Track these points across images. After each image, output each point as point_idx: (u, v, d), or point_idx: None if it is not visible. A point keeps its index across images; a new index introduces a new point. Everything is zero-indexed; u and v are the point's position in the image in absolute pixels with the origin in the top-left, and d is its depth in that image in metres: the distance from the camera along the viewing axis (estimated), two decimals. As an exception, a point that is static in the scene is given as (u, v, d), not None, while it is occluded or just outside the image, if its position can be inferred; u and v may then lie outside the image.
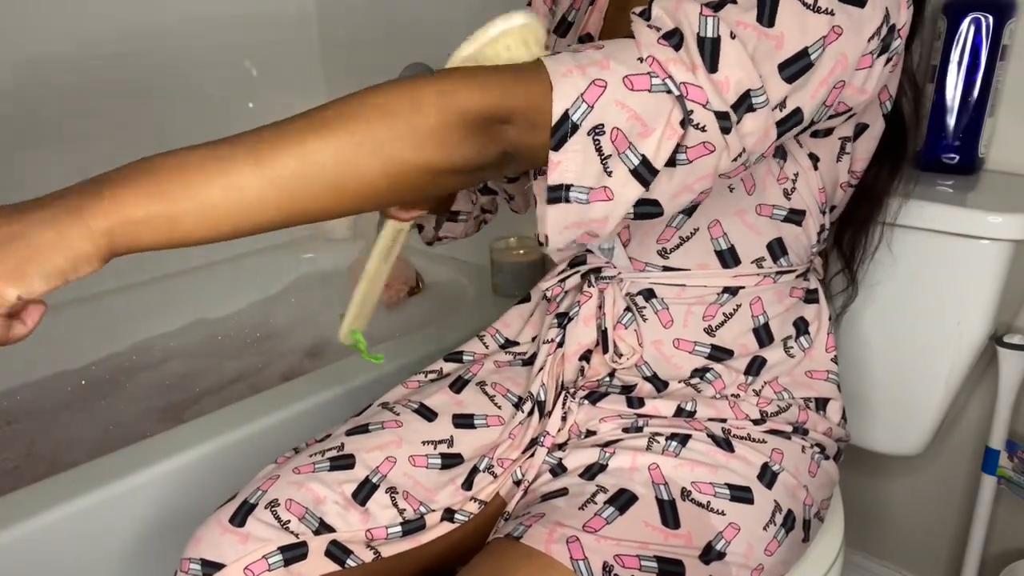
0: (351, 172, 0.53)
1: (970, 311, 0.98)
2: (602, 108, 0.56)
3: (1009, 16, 0.98)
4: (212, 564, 0.74)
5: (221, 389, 1.58)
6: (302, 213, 0.54)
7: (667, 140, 0.58)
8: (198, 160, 0.51)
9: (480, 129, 0.56)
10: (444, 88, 0.55)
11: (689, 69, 0.57)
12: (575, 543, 0.69)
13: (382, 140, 0.54)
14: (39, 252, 0.48)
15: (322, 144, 0.53)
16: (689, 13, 0.58)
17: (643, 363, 0.83)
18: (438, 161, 0.55)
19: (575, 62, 0.57)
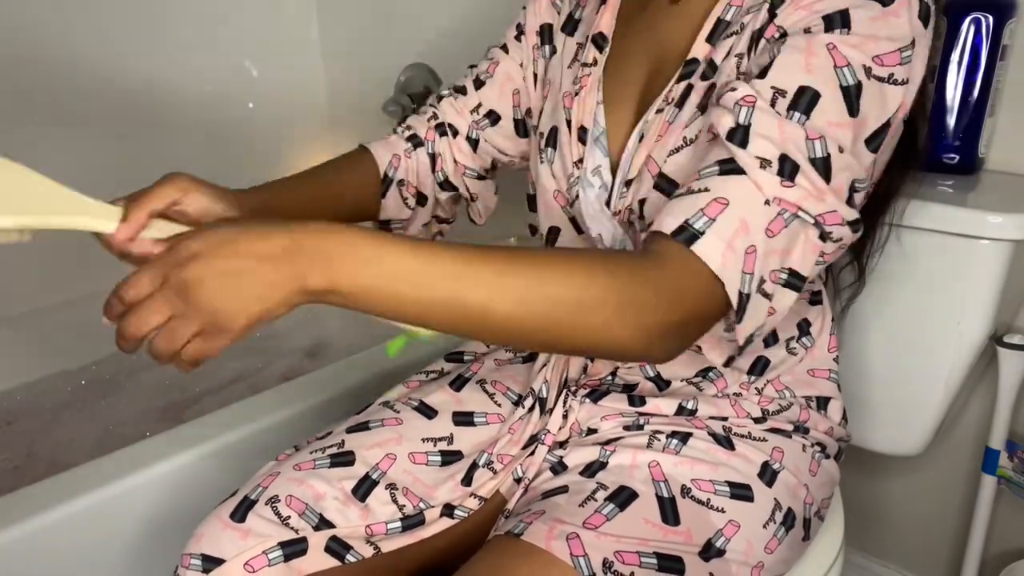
0: (528, 341, 0.63)
1: (970, 311, 0.98)
2: (760, 267, 0.62)
3: (1009, 16, 0.98)
4: (212, 559, 0.74)
5: (221, 389, 1.58)
6: (470, 337, 0.65)
7: (810, 255, 0.64)
8: (402, 269, 0.56)
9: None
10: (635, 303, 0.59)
11: (818, 198, 0.62)
12: (575, 540, 0.69)
13: (564, 331, 0.60)
14: (260, 297, 0.55)
15: (506, 309, 0.58)
16: (796, 139, 0.62)
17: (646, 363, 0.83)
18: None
19: (720, 240, 0.60)
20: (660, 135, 0.74)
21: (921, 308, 1.01)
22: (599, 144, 0.80)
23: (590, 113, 0.81)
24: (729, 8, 0.73)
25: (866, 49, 0.63)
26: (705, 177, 0.63)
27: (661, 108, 0.75)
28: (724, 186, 0.62)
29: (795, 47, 0.64)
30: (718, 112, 0.65)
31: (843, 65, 0.63)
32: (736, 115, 0.63)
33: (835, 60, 0.63)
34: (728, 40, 0.72)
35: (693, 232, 0.60)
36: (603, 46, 0.82)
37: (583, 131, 0.81)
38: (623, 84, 0.80)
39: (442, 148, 0.96)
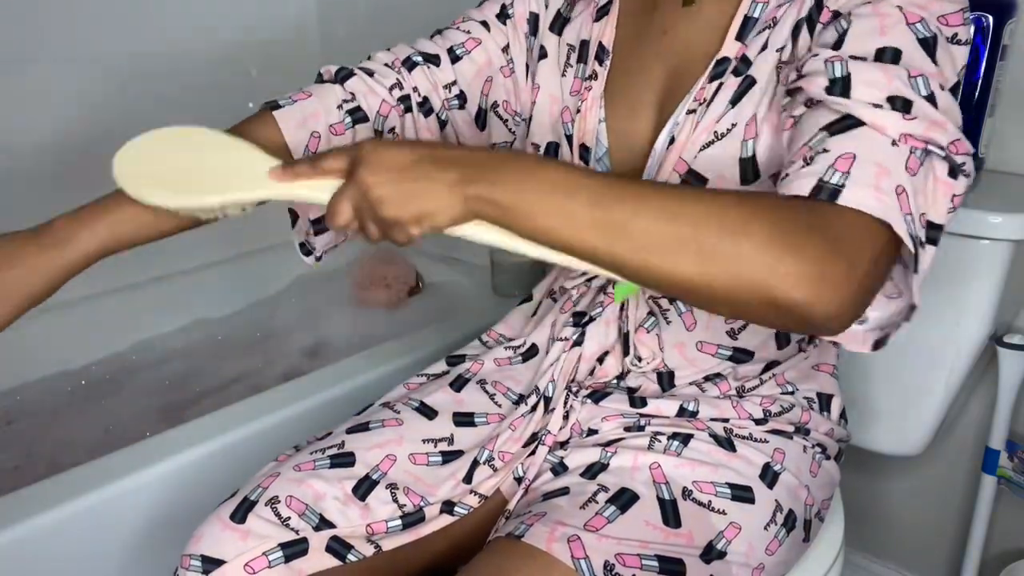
0: (669, 259, 0.56)
1: (970, 311, 0.98)
2: (915, 206, 0.57)
3: (1009, 16, 0.98)
4: (212, 561, 0.74)
5: (221, 389, 1.58)
6: (613, 264, 0.59)
7: (942, 199, 0.60)
8: (553, 179, 0.59)
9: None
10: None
11: (940, 127, 0.59)
12: (576, 542, 0.69)
13: (708, 249, 0.55)
14: (433, 208, 0.60)
15: (651, 223, 0.56)
16: (900, 77, 0.59)
17: (663, 365, 0.82)
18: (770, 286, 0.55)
19: (866, 186, 0.56)
20: (689, 136, 0.74)
21: (921, 308, 1.01)
22: (601, 164, 0.80)
23: (592, 132, 0.81)
24: (755, 5, 0.73)
25: (932, 9, 0.62)
26: (817, 146, 0.59)
27: (693, 109, 0.74)
28: (843, 143, 0.58)
29: (863, 15, 0.63)
30: (803, 84, 0.63)
31: (916, 21, 0.61)
32: (828, 73, 0.61)
33: (907, 18, 0.61)
34: (762, 35, 0.72)
35: (833, 188, 0.56)
36: (604, 60, 0.82)
37: (585, 150, 0.81)
38: (637, 92, 0.79)
39: (405, 126, 0.88)
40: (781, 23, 0.71)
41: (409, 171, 0.60)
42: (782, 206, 0.56)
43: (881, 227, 0.56)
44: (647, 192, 0.57)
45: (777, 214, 0.55)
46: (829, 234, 0.55)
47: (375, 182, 0.60)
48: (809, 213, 0.56)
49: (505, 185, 0.59)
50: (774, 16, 0.72)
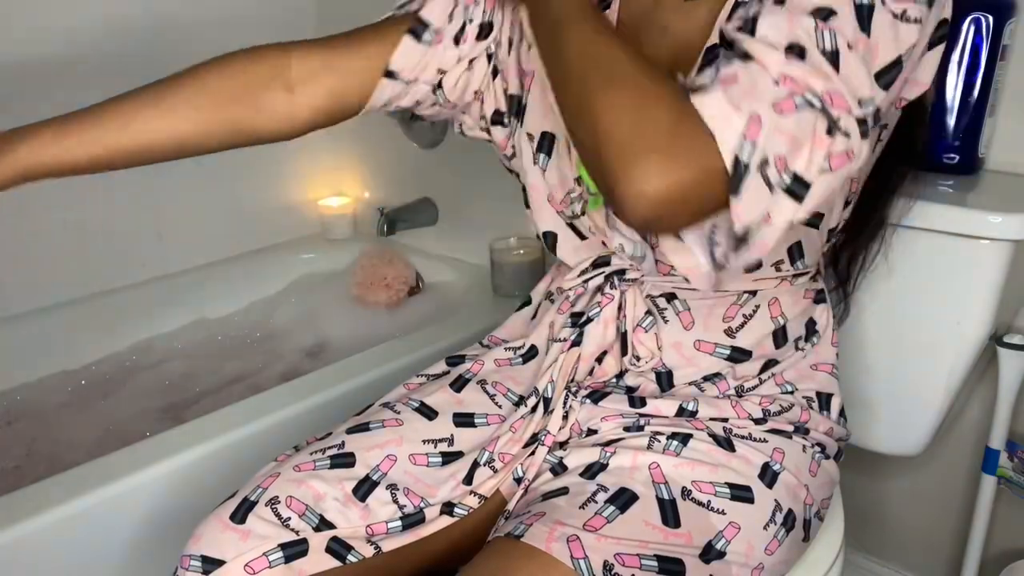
0: (560, 87, 0.65)
1: (970, 311, 0.98)
2: (764, 140, 0.57)
3: (1009, 16, 0.98)
4: (212, 561, 0.74)
5: (221, 389, 1.58)
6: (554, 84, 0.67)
7: (817, 152, 0.58)
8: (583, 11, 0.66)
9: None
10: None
11: (825, 78, 0.58)
12: (575, 542, 0.69)
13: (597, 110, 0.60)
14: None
15: (576, 60, 0.63)
16: (806, 26, 0.59)
17: (661, 364, 0.82)
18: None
19: (727, 99, 0.57)
20: None
21: (921, 308, 1.01)
22: None
23: None
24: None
25: None
26: (714, 64, 0.61)
27: None
28: (733, 67, 0.59)
29: None
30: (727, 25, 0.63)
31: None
32: (744, 14, 0.61)
33: None
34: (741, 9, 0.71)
35: (699, 86, 0.58)
36: None
37: None
38: None
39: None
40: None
41: None
42: (669, 86, 0.59)
43: (713, 140, 0.57)
44: (594, 34, 0.64)
45: (662, 90, 0.59)
46: (678, 129, 0.57)
47: None
48: (672, 100, 0.58)
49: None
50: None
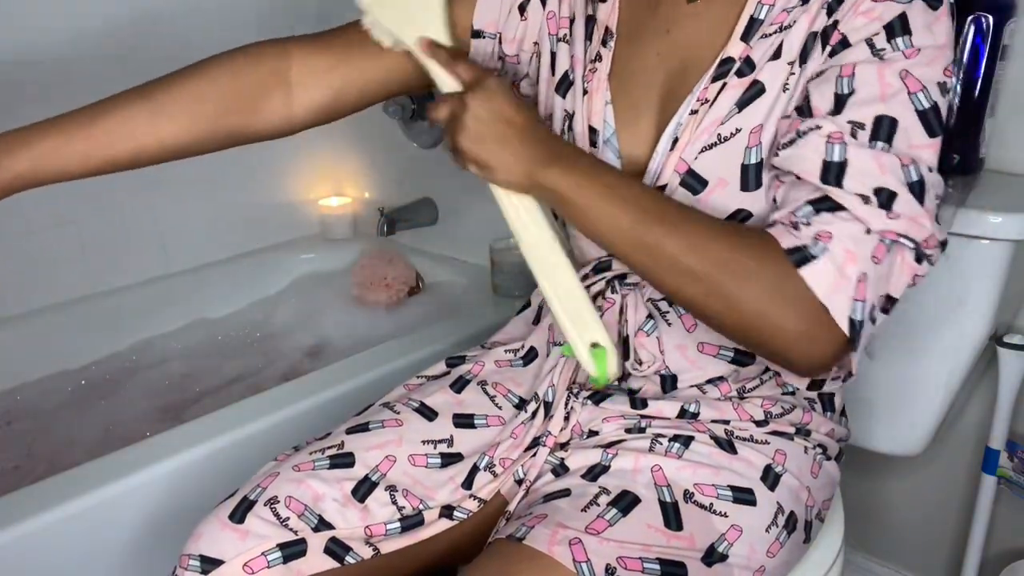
0: (685, 284, 0.68)
1: (970, 311, 0.98)
2: (871, 294, 0.64)
3: (1009, 16, 0.98)
4: (211, 560, 0.74)
5: (221, 389, 1.58)
6: (641, 271, 0.70)
7: (904, 277, 0.66)
8: (611, 185, 0.70)
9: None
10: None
11: (919, 224, 0.64)
12: (578, 545, 0.69)
13: (715, 289, 0.66)
14: (496, 165, 0.71)
15: (676, 251, 0.67)
16: (894, 168, 0.64)
17: (664, 368, 0.82)
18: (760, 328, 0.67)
19: (833, 266, 0.63)
20: (691, 136, 0.74)
21: (921, 308, 1.01)
22: (610, 146, 0.80)
23: (599, 113, 0.80)
24: (762, 7, 0.72)
25: (937, 64, 0.66)
26: (803, 218, 0.65)
27: (696, 109, 0.74)
28: (826, 222, 0.64)
29: (867, 74, 0.66)
30: (798, 152, 0.66)
31: (917, 91, 0.65)
32: (827, 154, 0.65)
33: (908, 87, 0.65)
34: (770, 40, 0.72)
35: (807, 255, 0.63)
36: (608, 42, 0.81)
37: (593, 132, 0.81)
38: (639, 87, 0.79)
39: None
40: (793, 31, 0.70)
41: (504, 125, 0.70)
42: (781, 261, 0.64)
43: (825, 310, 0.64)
44: (681, 221, 0.67)
45: (775, 270, 0.64)
46: (804, 311, 0.64)
47: (473, 113, 0.70)
48: (781, 277, 0.64)
49: (570, 180, 0.69)
50: (782, 21, 0.71)
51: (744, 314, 0.65)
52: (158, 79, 0.82)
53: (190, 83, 0.82)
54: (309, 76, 0.85)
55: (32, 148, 0.76)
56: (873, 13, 0.66)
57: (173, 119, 0.81)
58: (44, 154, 0.77)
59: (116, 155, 0.80)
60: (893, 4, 0.66)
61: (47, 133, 0.77)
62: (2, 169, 0.75)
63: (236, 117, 0.83)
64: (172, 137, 0.81)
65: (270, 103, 0.84)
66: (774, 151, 0.70)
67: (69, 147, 0.78)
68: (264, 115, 0.84)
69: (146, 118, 0.80)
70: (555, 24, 0.85)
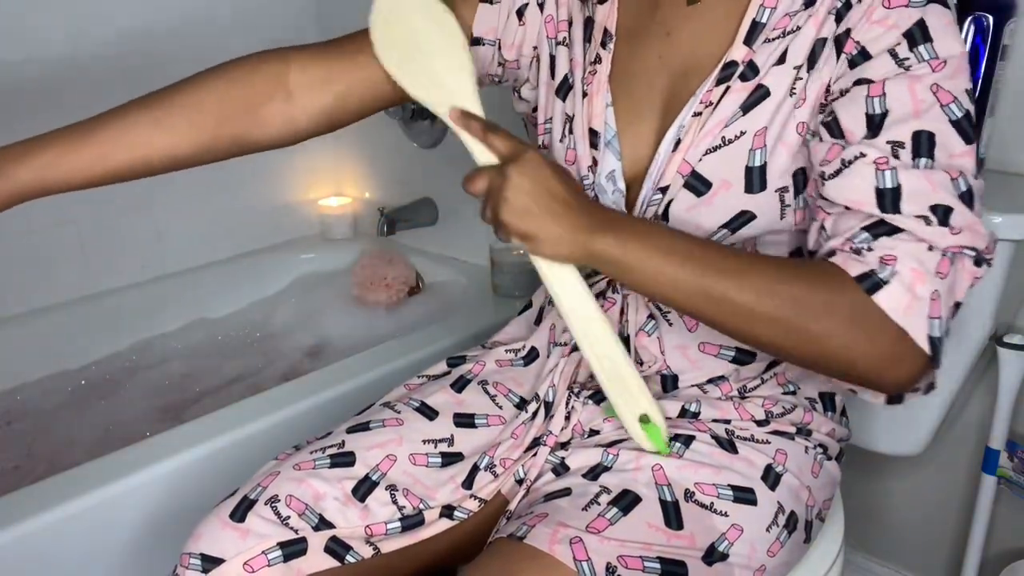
0: (761, 328, 0.67)
1: (970, 311, 0.98)
2: (944, 308, 0.64)
3: (1009, 16, 0.98)
4: (212, 559, 0.74)
5: (221, 389, 1.58)
6: (710, 324, 0.69)
7: (966, 283, 0.66)
8: (664, 245, 0.68)
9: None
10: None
11: (978, 234, 0.64)
12: (578, 544, 0.69)
13: (792, 328, 0.66)
14: (544, 236, 0.69)
15: (747, 299, 0.66)
16: (945, 184, 0.64)
17: (666, 367, 0.82)
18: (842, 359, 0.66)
19: (904, 288, 0.63)
20: (694, 139, 0.74)
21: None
22: (611, 148, 0.80)
23: (600, 116, 0.80)
24: (764, 10, 0.72)
25: (963, 73, 0.66)
26: (861, 243, 0.65)
27: (699, 112, 0.74)
28: (891, 249, 0.64)
29: (897, 89, 0.65)
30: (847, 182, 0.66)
31: (949, 102, 0.65)
32: (878, 181, 0.65)
33: (940, 100, 0.65)
34: (774, 44, 0.71)
35: (878, 281, 0.63)
36: (608, 44, 0.81)
37: (594, 134, 0.81)
38: (639, 89, 0.79)
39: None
40: (799, 36, 0.70)
41: (549, 198, 0.68)
42: (854, 290, 0.64)
43: (903, 331, 0.64)
44: (745, 268, 0.66)
45: (850, 299, 0.64)
46: (894, 325, 0.63)
47: (516, 185, 0.68)
48: (855, 306, 0.64)
49: (624, 245, 0.67)
50: (785, 26, 0.71)
51: (826, 348, 0.65)
52: (159, 91, 0.82)
53: (190, 94, 0.81)
54: (310, 84, 0.84)
55: (36, 159, 0.77)
56: (889, 21, 0.66)
57: (174, 130, 0.80)
58: (48, 165, 0.77)
59: (119, 166, 0.80)
60: (907, 10, 0.65)
61: (50, 144, 0.78)
62: (7, 179, 0.76)
63: (237, 126, 0.82)
64: (174, 148, 0.81)
65: (271, 111, 0.83)
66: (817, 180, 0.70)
67: (72, 158, 0.78)
68: (265, 123, 0.84)
69: (147, 129, 0.80)
70: (553, 28, 0.85)
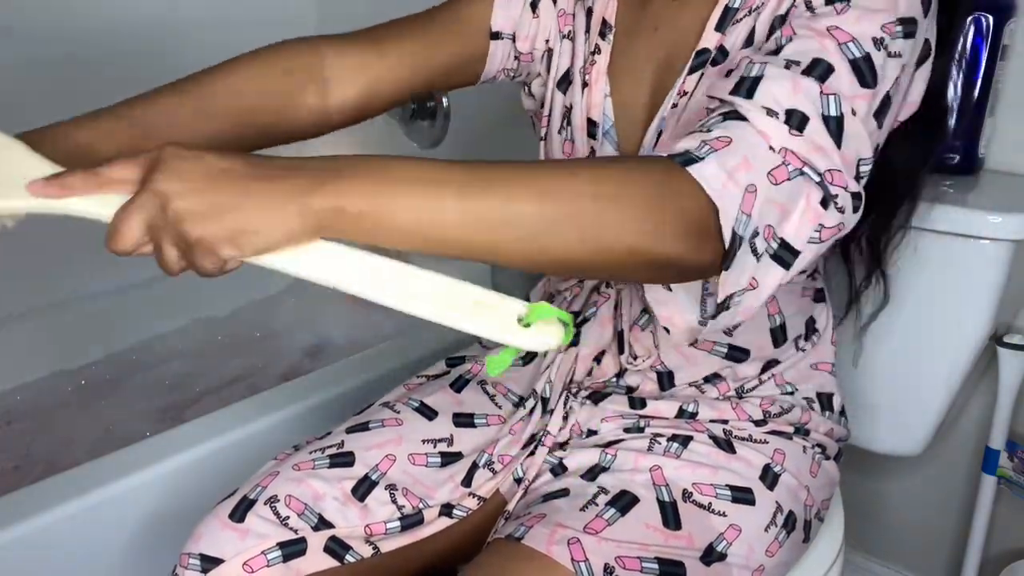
0: (554, 239, 0.55)
1: (970, 311, 0.98)
2: (758, 213, 0.57)
3: (1009, 16, 0.98)
4: (211, 559, 0.74)
5: (221, 389, 1.58)
6: (492, 254, 0.56)
7: (808, 222, 0.59)
8: (412, 176, 0.54)
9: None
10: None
11: (827, 156, 0.58)
12: (576, 544, 0.69)
13: (588, 223, 0.55)
14: (256, 223, 0.51)
15: (528, 206, 0.54)
16: (810, 92, 0.59)
17: (660, 363, 0.82)
18: (646, 249, 0.56)
19: (721, 167, 0.56)
20: (674, 129, 0.74)
21: (921, 308, 1.01)
22: (609, 138, 0.80)
23: (598, 106, 0.81)
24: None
25: (867, 22, 0.61)
26: (706, 125, 0.59)
27: (676, 103, 0.75)
28: (728, 129, 0.58)
29: (803, 35, 0.62)
30: (722, 81, 0.64)
31: (846, 41, 0.61)
32: (744, 71, 0.61)
33: (837, 39, 0.61)
34: (738, 25, 0.72)
35: (692, 157, 0.56)
36: (607, 35, 0.82)
37: (592, 124, 0.81)
38: (631, 83, 0.80)
39: None
40: (762, 12, 0.70)
41: (226, 179, 0.52)
42: (648, 170, 0.56)
43: (713, 210, 0.56)
44: (518, 174, 0.55)
45: (645, 178, 0.56)
46: (681, 200, 0.55)
47: (178, 191, 0.51)
48: (665, 174, 0.56)
49: (357, 189, 0.52)
50: (752, 4, 0.71)
51: (626, 236, 0.55)
52: (191, 76, 0.78)
53: (227, 80, 0.78)
54: (342, 72, 0.82)
55: (70, 140, 0.70)
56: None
57: (215, 117, 0.77)
58: (83, 145, 0.71)
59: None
60: None
61: (83, 125, 0.72)
62: (65, 139, 0.70)
63: (273, 114, 0.80)
64: (213, 134, 0.77)
65: (305, 100, 0.81)
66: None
67: (110, 140, 0.72)
68: (299, 112, 0.81)
69: (189, 114, 0.76)
70: (564, 21, 0.85)
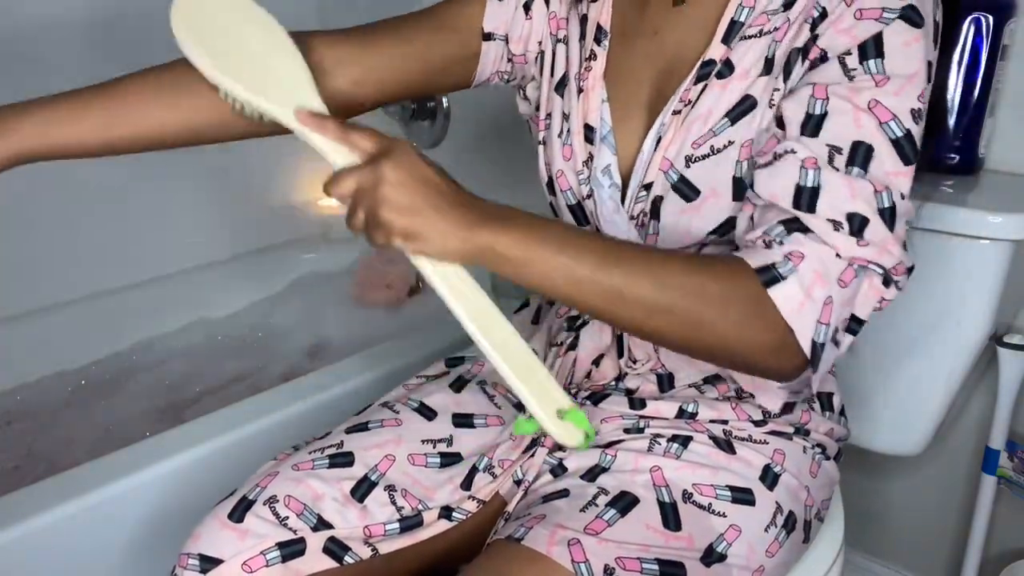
0: (659, 321, 0.65)
1: (970, 311, 0.98)
2: (835, 318, 0.65)
3: (1009, 16, 0.98)
4: (210, 560, 0.74)
5: (221, 389, 1.58)
6: (597, 314, 0.68)
7: (871, 299, 0.67)
8: (557, 240, 0.65)
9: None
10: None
11: (888, 252, 0.64)
12: (576, 545, 0.69)
13: (691, 322, 0.65)
14: (430, 233, 0.63)
15: (646, 292, 0.64)
16: (865, 193, 0.64)
17: (660, 366, 0.82)
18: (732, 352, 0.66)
19: (800, 287, 0.63)
20: (674, 135, 0.74)
21: (921, 308, 1.01)
22: (607, 143, 0.80)
23: (595, 111, 0.81)
24: (742, 9, 0.73)
25: (907, 93, 0.65)
26: (776, 237, 0.65)
27: (678, 110, 0.75)
28: (797, 243, 0.64)
29: (840, 109, 0.65)
30: (773, 175, 0.66)
31: (888, 120, 0.64)
32: (800, 178, 0.65)
33: (879, 117, 0.64)
34: (747, 42, 0.72)
35: (776, 276, 0.63)
36: (602, 40, 0.82)
37: (589, 129, 0.81)
38: (629, 87, 0.80)
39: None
40: (782, 46, 0.71)
41: (431, 189, 0.63)
42: (752, 282, 0.64)
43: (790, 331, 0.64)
44: (643, 260, 0.65)
45: (746, 291, 0.64)
46: (767, 317, 0.64)
47: (392, 180, 0.62)
48: (756, 289, 0.64)
49: (511, 237, 0.63)
50: (763, 24, 0.72)
51: (720, 337, 0.65)
52: (177, 60, 0.77)
53: None
54: (330, 65, 0.83)
55: (43, 118, 0.72)
56: (853, 31, 0.66)
57: (198, 103, 0.78)
58: (57, 124, 0.73)
59: (135, 135, 0.77)
60: (872, 23, 0.65)
61: (60, 105, 0.74)
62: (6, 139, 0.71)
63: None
64: (194, 122, 0.79)
65: None
66: (751, 170, 0.70)
67: (86, 121, 0.74)
68: None
69: (171, 100, 0.78)
70: (556, 24, 0.86)
